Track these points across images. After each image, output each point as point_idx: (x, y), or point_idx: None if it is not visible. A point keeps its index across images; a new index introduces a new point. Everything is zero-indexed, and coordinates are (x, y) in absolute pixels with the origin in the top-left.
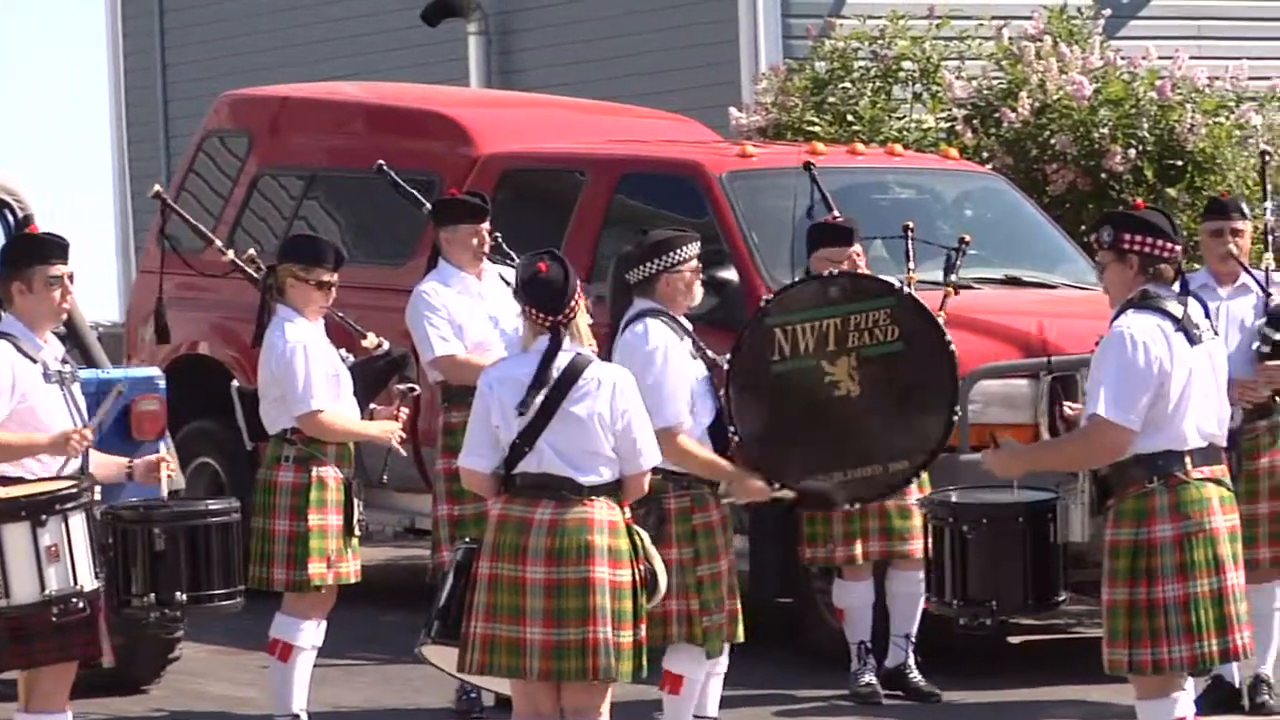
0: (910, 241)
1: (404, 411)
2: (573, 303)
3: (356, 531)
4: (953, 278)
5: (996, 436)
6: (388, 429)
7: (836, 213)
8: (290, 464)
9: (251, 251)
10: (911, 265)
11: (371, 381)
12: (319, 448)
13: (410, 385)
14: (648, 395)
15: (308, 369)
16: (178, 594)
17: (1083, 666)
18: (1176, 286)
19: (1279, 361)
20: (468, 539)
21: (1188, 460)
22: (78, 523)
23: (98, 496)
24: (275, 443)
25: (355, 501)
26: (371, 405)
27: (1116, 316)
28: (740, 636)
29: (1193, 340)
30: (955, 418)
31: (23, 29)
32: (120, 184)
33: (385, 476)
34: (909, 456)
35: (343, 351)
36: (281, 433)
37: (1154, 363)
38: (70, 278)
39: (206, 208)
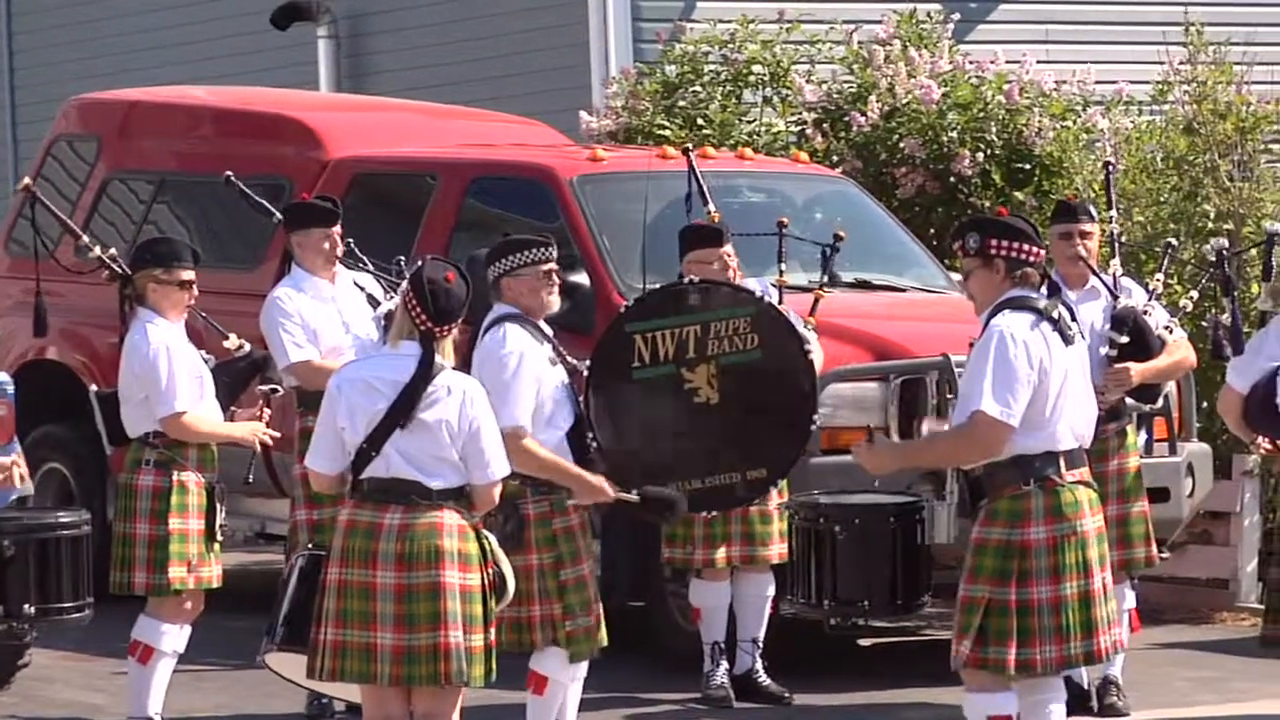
0: (782, 240)
1: (267, 412)
2: (453, 322)
3: (218, 537)
4: (825, 278)
5: (871, 432)
6: (251, 429)
7: (713, 208)
8: (151, 468)
9: (113, 250)
10: (783, 266)
11: (233, 383)
12: (180, 452)
13: (272, 386)
14: (495, 396)
15: (171, 370)
16: (26, 606)
17: (932, 669)
18: (1044, 290)
19: (1126, 365)
20: (310, 545)
21: (1062, 463)
22: None
23: None
24: (136, 446)
25: (217, 506)
26: (233, 408)
27: (990, 318)
28: (605, 640)
29: (1067, 340)
30: (813, 427)
31: None
32: None
33: (251, 477)
34: (767, 464)
35: (204, 353)
36: (143, 436)
37: (1034, 361)
38: None
39: (58, 211)
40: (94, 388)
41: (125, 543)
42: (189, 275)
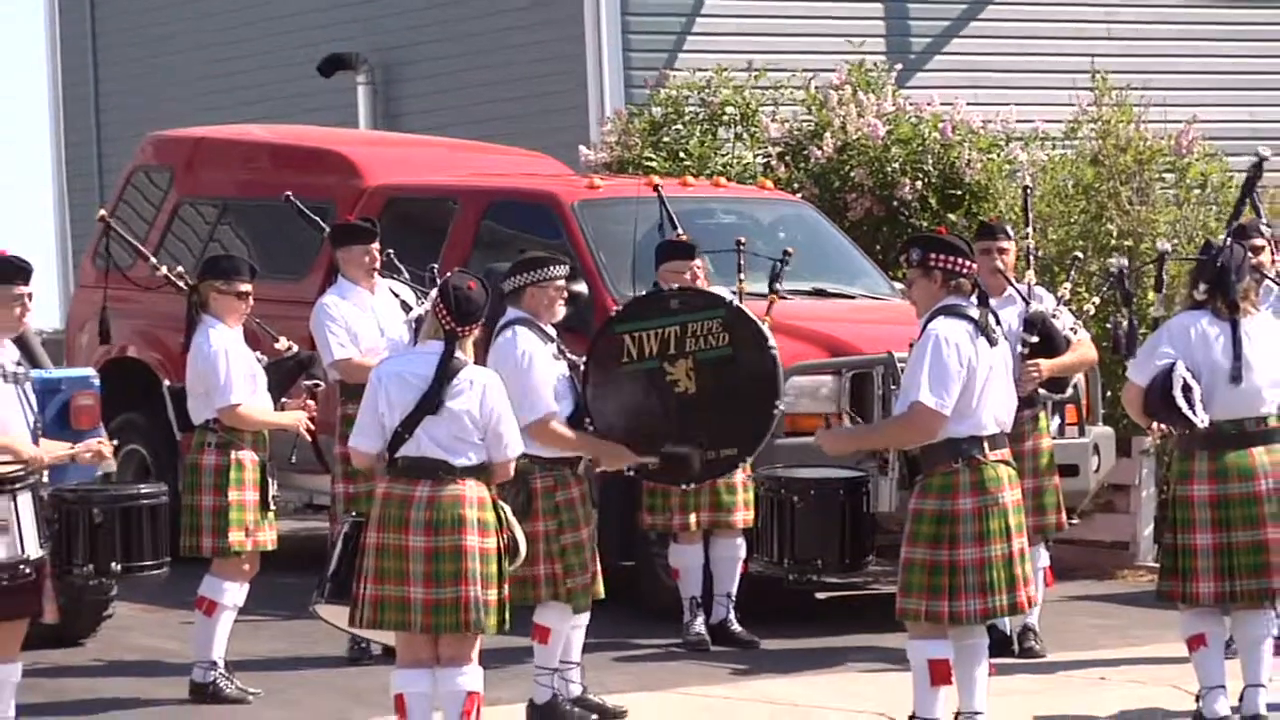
0: (741, 255)
1: (310, 403)
2: (474, 324)
3: (272, 506)
4: (777, 286)
5: (829, 419)
6: (297, 418)
7: (680, 230)
8: (213, 449)
9: (180, 268)
10: (742, 276)
11: (282, 378)
12: (237, 435)
13: (315, 381)
14: (522, 393)
15: (228, 369)
16: (113, 564)
17: (879, 618)
18: (975, 298)
19: (1037, 361)
20: (354, 513)
21: (986, 445)
22: (25, 501)
23: (45, 479)
24: (200, 431)
25: (270, 480)
26: (283, 399)
27: (927, 323)
28: (601, 594)
29: (992, 342)
30: (776, 412)
31: None
32: (60, 213)
33: (294, 458)
34: (737, 444)
35: (258, 353)
36: (205, 423)
37: (963, 360)
38: (29, 297)
39: (134, 232)
40: (166, 382)
41: (192, 512)
42: (246, 287)
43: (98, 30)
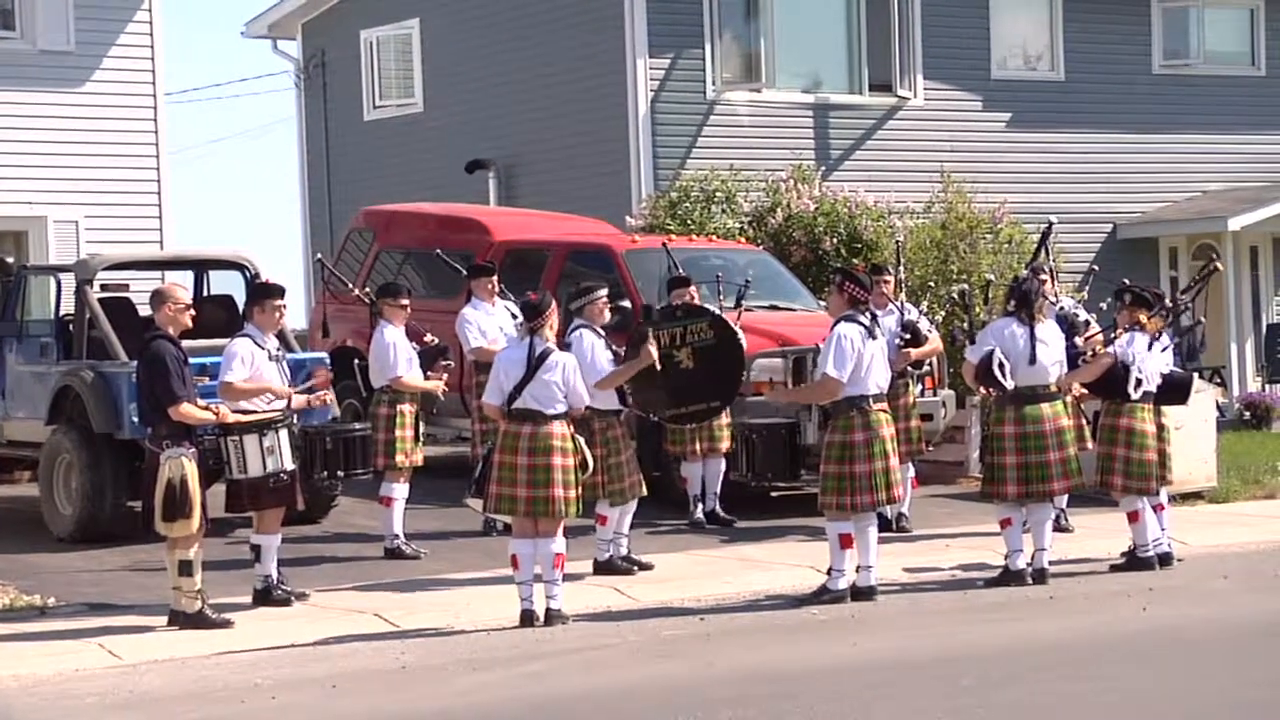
0: (720, 284)
1: (445, 375)
2: (541, 319)
3: (421, 440)
4: (742, 303)
5: (773, 383)
6: (437, 385)
7: (681, 270)
8: (384, 403)
9: (367, 289)
10: (721, 297)
11: (428, 360)
12: (399, 395)
13: (448, 362)
14: (590, 366)
15: (395, 353)
16: (338, 472)
17: (809, 507)
18: (866, 310)
19: (907, 349)
20: (489, 444)
21: (871, 400)
22: (284, 433)
23: (295, 420)
24: (376, 393)
25: (420, 424)
26: (428, 373)
27: (834, 326)
28: (644, 491)
29: (874, 337)
30: (744, 378)
31: (257, 191)
32: (307, 255)
33: (436, 409)
34: (720, 398)
35: (414, 344)
36: (380, 387)
37: (855, 347)
38: (284, 307)
39: (352, 270)
40: (357, 360)
41: (373, 443)
42: (406, 302)
43: (331, 145)
